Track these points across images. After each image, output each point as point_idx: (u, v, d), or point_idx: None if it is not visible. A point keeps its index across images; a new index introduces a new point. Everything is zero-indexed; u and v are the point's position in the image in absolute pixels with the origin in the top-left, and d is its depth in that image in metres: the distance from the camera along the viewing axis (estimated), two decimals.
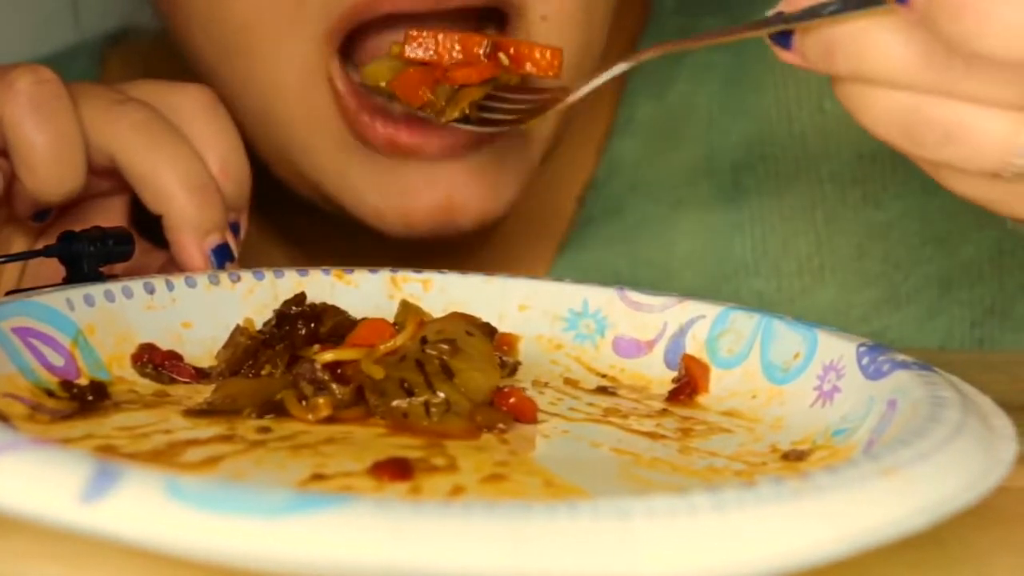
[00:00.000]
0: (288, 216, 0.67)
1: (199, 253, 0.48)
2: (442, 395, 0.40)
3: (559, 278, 0.51)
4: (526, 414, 0.41)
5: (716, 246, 0.67)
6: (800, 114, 0.66)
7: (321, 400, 0.40)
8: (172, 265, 0.50)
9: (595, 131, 0.69)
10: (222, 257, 0.49)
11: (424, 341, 0.42)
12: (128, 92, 0.50)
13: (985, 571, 0.34)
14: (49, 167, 0.46)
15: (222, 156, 0.50)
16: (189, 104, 0.50)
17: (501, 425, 0.40)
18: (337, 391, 0.41)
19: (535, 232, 0.68)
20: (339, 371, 0.41)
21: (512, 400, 0.42)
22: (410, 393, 0.40)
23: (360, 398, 0.41)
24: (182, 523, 0.27)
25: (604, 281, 0.67)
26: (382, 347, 0.42)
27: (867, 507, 0.29)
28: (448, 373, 0.41)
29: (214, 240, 0.49)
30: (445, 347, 0.41)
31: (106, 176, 0.50)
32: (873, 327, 0.66)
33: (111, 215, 0.53)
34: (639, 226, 0.67)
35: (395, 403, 0.40)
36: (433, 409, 0.40)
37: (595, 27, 0.57)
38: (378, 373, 0.41)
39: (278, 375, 0.43)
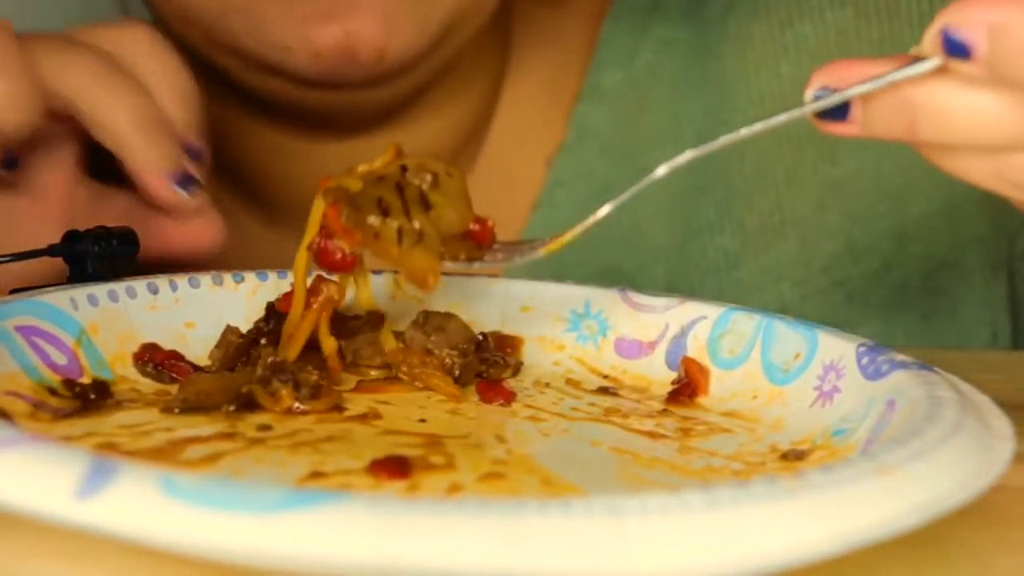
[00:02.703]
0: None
1: (163, 187, 0.50)
2: (417, 224, 0.40)
3: (561, 280, 0.51)
4: (486, 238, 0.42)
5: (682, 207, 0.69)
6: (758, 79, 0.68)
7: (284, 391, 0.40)
8: (136, 207, 0.52)
9: (563, 97, 0.71)
10: (186, 184, 0.51)
11: (404, 169, 0.41)
12: (75, 37, 0.51)
13: (984, 570, 0.34)
14: (2, 101, 0.47)
15: (171, 87, 0.52)
16: (133, 43, 0.52)
17: (463, 256, 0.40)
18: (310, 376, 0.41)
19: (509, 191, 0.70)
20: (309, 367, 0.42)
21: (476, 227, 0.42)
22: (386, 213, 0.40)
23: (322, 389, 0.41)
24: (177, 519, 0.27)
25: (578, 240, 0.70)
26: (360, 168, 0.42)
27: (861, 506, 0.29)
28: (426, 204, 0.40)
29: (175, 172, 0.50)
30: (428, 177, 0.41)
31: (60, 119, 0.51)
32: (833, 278, 0.68)
33: (67, 156, 0.53)
34: (608, 188, 0.69)
35: (370, 219, 0.39)
36: (406, 237, 0.39)
37: None
38: (355, 185, 0.40)
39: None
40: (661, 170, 0.39)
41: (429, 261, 0.39)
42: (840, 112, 0.37)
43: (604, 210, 0.41)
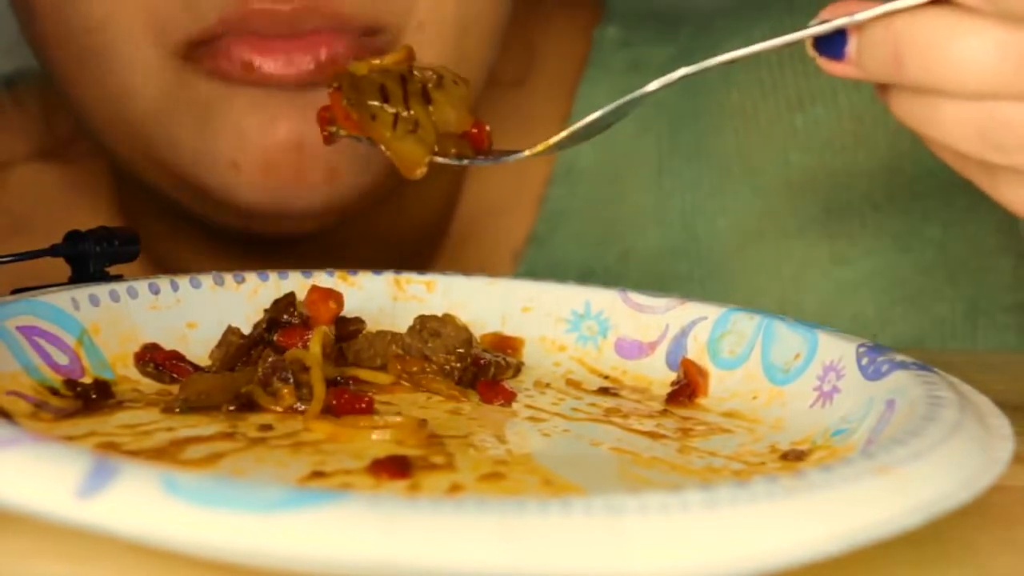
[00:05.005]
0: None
1: None
2: (413, 114, 0.41)
3: (561, 280, 0.51)
4: (482, 142, 0.43)
5: None
6: (764, 165, 0.63)
7: (285, 390, 0.41)
8: None
9: (533, 182, 0.66)
10: None
11: (411, 70, 0.43)
12: None
13: (984, 570, 0.34)
14: None
15: None
16: None
17: (454, 151, 0.41)
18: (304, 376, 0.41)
19: None
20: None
21: (474, 130, 0.42)
22: (385, 99, 0.40)
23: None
24: (179, 519, 0.27)
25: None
26: (373, 61, 0.43)
27: (861, 505, 0.29)
28: (427, 98, 0.41)
29: None
30: (432, 76, 0.42)
31: None
32: None
33: None
34: (585, 278, 0.64)
35: (371, 102, 0.40)
36: (401, 124, 0.40)
37: (470, 39, 0.55)
38: (361, 70, 0.41)
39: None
40: (652, 85, 0.39)
41: (419, 151, 0.41)
42: (839, 50, 0.35)
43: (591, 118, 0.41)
